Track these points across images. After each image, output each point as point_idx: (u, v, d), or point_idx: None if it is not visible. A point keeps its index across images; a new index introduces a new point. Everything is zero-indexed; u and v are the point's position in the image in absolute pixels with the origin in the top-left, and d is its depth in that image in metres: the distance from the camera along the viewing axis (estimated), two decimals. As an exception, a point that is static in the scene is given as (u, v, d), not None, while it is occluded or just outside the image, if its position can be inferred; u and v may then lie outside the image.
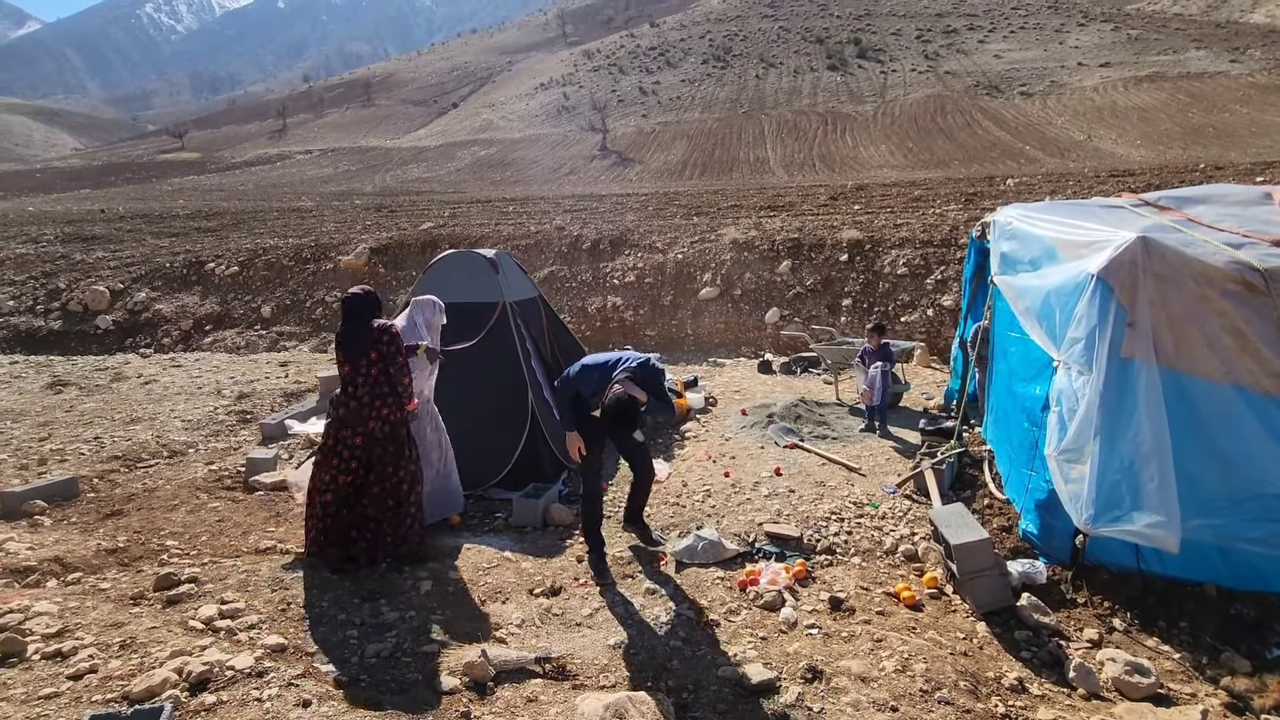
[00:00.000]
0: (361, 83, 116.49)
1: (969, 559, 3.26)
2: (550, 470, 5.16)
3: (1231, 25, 72.46)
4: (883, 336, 6.29)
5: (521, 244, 18.09)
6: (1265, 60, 55.32)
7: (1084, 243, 3.57)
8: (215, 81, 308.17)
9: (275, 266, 20.08)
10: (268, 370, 9.96)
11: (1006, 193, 18.58)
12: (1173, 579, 3.33)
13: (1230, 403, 3.15)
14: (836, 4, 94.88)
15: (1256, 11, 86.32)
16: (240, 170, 62.33)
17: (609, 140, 54.73)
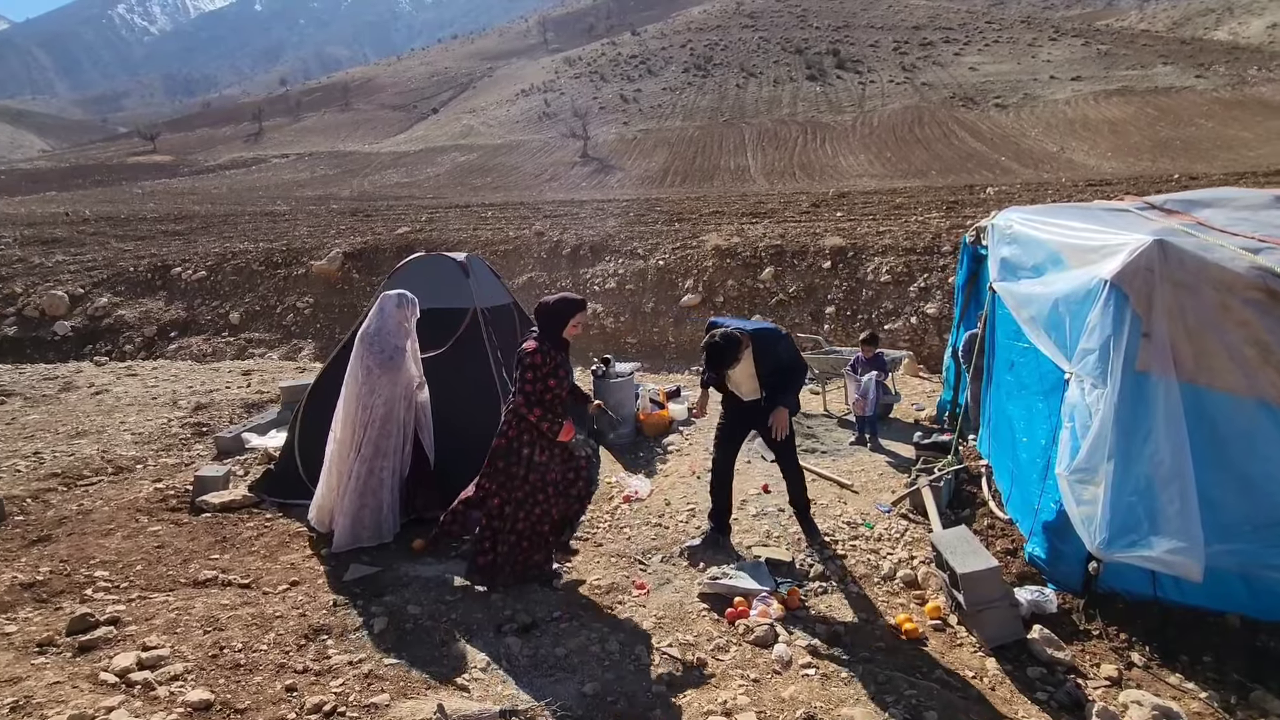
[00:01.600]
0: (340, 87, 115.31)
1: (977, 589, 3.00)
2: (524, 488, 4.82)
3: (1196, 42, 74.47)
4: (876, 347, 6.07)
5: (500, 249, 17.74)
6: (1229, 76, 56.82)
7: (1092, 247, 3.35)
8: (189, 84, 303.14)
9: (245, 271, 19.50)
10: (229, 379, 9.50)
11: (987, 201, 18.63)
12: (1193, 608, 3.10)
13: (1253, 419, 2.93)
14: (815, 15, 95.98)
15: (1219, 29, 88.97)
16: (214, 174, 61.09)
17: (590, 147, 54.56)
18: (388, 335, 4.15)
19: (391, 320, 4.17)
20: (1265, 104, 47.35)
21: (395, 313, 4.21)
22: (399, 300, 4.25)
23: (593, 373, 6.43)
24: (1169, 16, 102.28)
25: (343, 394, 4.18)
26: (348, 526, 4.02)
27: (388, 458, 4.14)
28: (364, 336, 4.16)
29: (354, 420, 4.10)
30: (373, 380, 4.07)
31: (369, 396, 4.07)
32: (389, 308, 4.20)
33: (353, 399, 4.12)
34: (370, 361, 4.08)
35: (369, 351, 4.08)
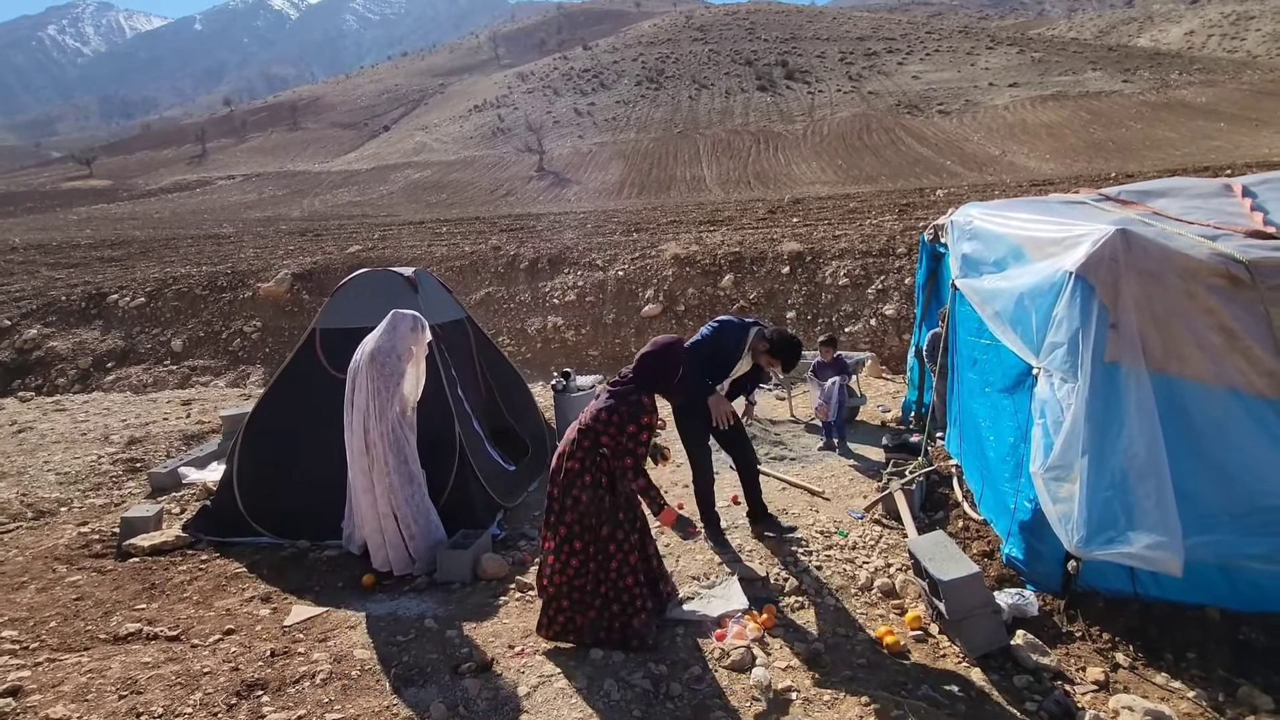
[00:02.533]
0: (287, 106, 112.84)
1: (959, 598, 2.88)
2: (483, 513, 4.56)
3: (1121, 49, 78.28)
4: (835, 349, 6.00)
5: (456, 265, 17.37)
6: (1153, 80, 59.83)
7: (1053, 239, 3.30)
8: (127, 106, 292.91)
9: (187, 296, 18.68)
10: (167, 410, 8.95)
11: (938, 203, 19.03)
12: (1172, 603, 3.03)
13: (1224, 407, 2.89)
14: (763, 28, 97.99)
15: (1142, 36, 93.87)
16: (156, 197, 58.89)
17: (546, 161, 54.38)
18: (394, 356, 3.86)
19: (403, 343, 3.87)
20: (1187, 106, 49.94)
21: (408, 335, 3.91)
22: (414, 323, 3.96)
23: (553, 387, 6.21)
24: (1095, 25, 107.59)
25: (351, 421, 3.90)
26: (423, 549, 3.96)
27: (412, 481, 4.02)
28: (375, 354, 3.84)
29: (367, 445, 3.84)
30: (382, 401, 3.83)
31: (379, 421, 3.83)
32: (403, 329, 3.90)
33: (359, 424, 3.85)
34: (380, 384, 3.81)
35: (379, 373, 3.80)
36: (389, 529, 3.90)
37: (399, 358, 3.86)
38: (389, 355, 3.82)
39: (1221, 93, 52.03)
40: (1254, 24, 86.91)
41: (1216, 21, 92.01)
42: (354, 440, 3.86)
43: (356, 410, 3.82)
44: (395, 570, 3.91)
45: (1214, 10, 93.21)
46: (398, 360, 3.85)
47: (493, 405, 5.77)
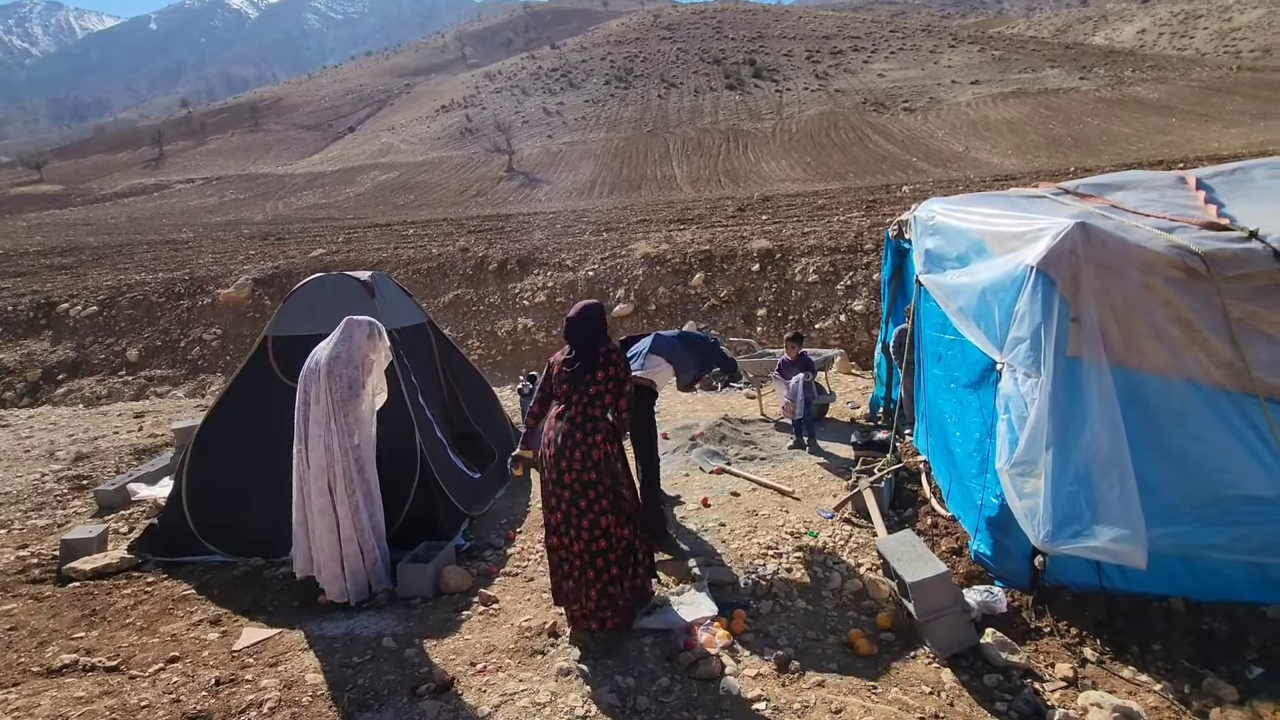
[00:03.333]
0: (248, 107, 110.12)
1: (928, 598, 2.85)
2: (447, 524, 4.43)
3: (1077, 47, 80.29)
4: (800, 346, 5.96)
5: (423, 268, 17.08)
6: (1108, 77, 61.46)
7: (1014, 234, 3.29)
8: (79, 108, 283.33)
9: (142, 304, 18.07)
10: (118, 423, 8.60)
11: (904, 199, 19.24)
12: (1137, 594, 3.04)
13: (1184, 399, 2.90)
14: (730, 27, 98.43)
15: (1097, 35, 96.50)
16: (111, 202, 56.94)
17: (516, 161, 53.91)
18: (351, 365, 3.68)
19: (359, 351, 3.69)
20: (1141, 102, 51.38)
21: (364, 343, 3.73)
22: (370, 329, 3.77)
23: (519, 391, 6.08)
24: (1052, 24, 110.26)
25: (307, 435, 3.67)
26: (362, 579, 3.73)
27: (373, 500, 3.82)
28: (332, 365, 3.64)
29: (329, 462, 3.64)
30: (341, 418, 3.63)
31: (343, 437, 3.64)
32: (358, 337, 3.71)
33: (318, 439, 3.63)
34: (340, 397, 3.62)
35: (338, 385, 3.61)
36: (350, 554, 3.67)
37: (357, 368, 3.69)
38: (346, 366, 3.65)
39: (1173, 89, 53.67)
40: (1201, 22, 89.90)
41: (1166, 20, 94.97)
42: (313, 458, 3.65)
43: (315, 425, 3.62)
44: (353, 600, 3.68)
45: (1164, 9, 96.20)
46: (356, 370, 3.68)
47: (456, 411, 5.63)
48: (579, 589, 3.06)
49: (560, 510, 3.09)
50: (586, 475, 3.05)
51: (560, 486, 3.08)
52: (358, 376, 3.69)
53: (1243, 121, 41.18)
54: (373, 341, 3.77)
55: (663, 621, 3.20)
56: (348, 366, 3.66)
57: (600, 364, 3.18)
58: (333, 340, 3.74)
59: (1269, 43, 79.54)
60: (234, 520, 4.35)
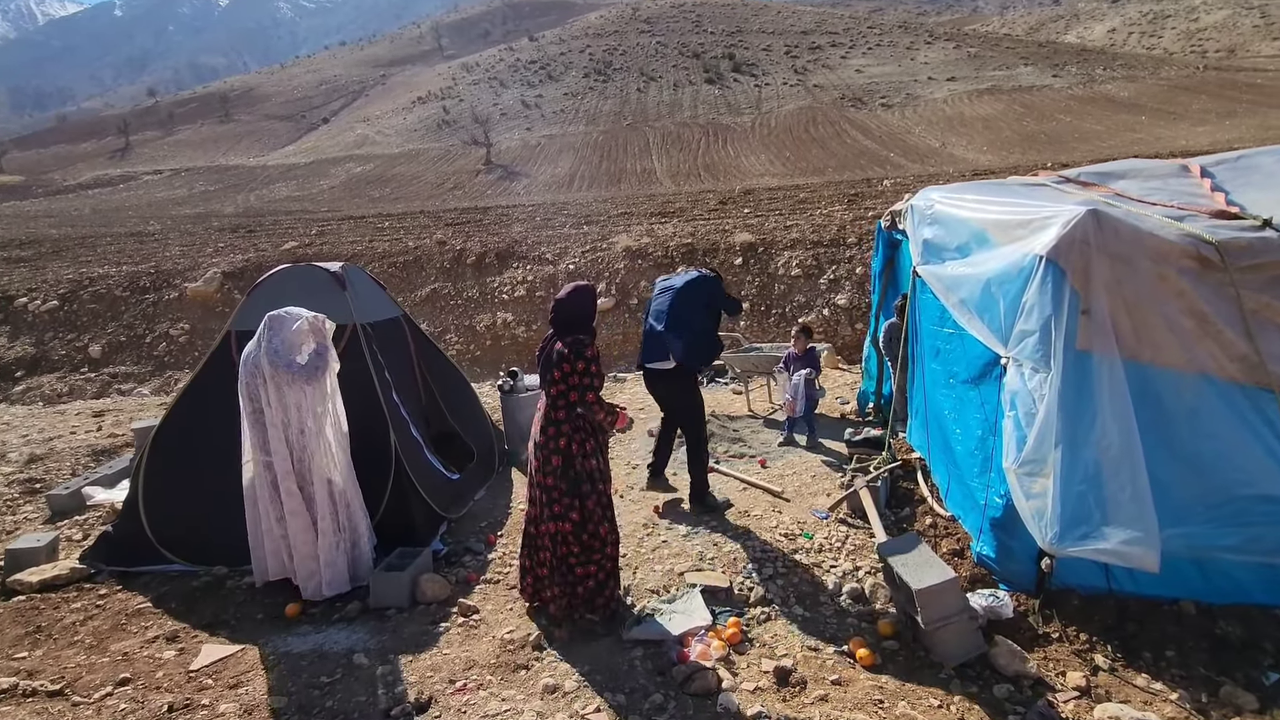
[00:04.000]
0: (218, 97, 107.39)
1: (935, 605, 2.71)
2: (424, 527, 4.21)
3: (1050, 45, 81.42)
4: (809, 339, 5.75)
5: (399, 261, 16.69)
6: (1080, 75, 62.39)
7: (1020, 222, 3.15)
8: (41, 97, 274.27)
9: (105, 298, 17.43)
10: (76, 423, 8.20)
11: (885, 193, 19.26)
12: (1148, 598, 2.93)
13: (1198, 394, 2.79)
14: (709, 21, 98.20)
15: (1069, 33, 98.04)
16: (74, 194, 55.09)
17: (494, 154, 53.20)
18: (290, 350, 3.47)
19: (296, 338, 3.50)
20: (1112, 100, 52.24)
21: (302, 332, 3.54)
22: (295, 318, 3.57)
23: (499, 387, 5.86)
24: (1025, 22, 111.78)
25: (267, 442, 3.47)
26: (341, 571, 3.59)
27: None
28: (274, 360, 3.42)
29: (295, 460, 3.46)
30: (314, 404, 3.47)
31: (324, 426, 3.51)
32: (287, 329, 3.50)
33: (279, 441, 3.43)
34: (303, 386, 3.43)
35: (296, 376, 3.41)
36: (326, 545, 3.52)
37: (301, 348, 3.50)
38: (293, 355, 3.45)
39: (1142, 87, 54.65)
40: (1169, 22, 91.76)
41: (1136, 20, 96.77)
42: (278, 461, 3.44)
43: (273, 429, 3.40)
44: (328, 591, 3.53)
45: (1133, 9, 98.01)
46: (299, 351, 3.49)
47: (434, 409, 5.39)
48: (550, 579, 3.15)
49: (535, 505, 3.23)
50: (546, 480, 3.12)
51: (534, 485, 3.22)
52: (318, 361, 3.49)
53: (1209, 120, 42.04)
54: (314, 327, 3.59)
55: (653, 632, 3.03)
56: (294, 357, 3.46)
57: (555, 362, 3.07)
58: (259, 339, 3.50)
59: (1233, 43, 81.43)
60: (195, 526, 4.08)
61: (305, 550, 3.52)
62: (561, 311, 3.15)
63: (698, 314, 4.30)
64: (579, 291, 3.21)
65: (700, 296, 4.33)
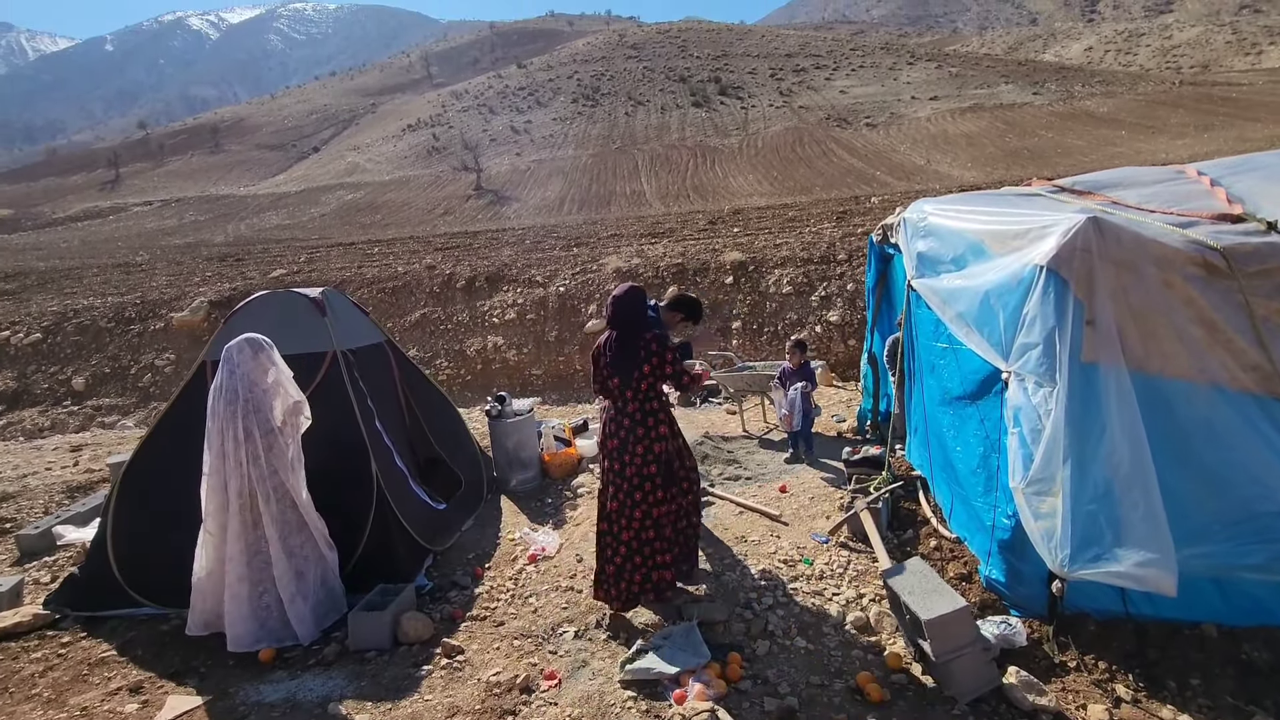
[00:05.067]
0: (208, 128, 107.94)
1: (945, 636, 2.55)
2: (408, 562, 4.02)
3: (1030, 63, 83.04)
4: (804, 353, 5.68)
5: (388, 286, 16.56)
6: (1060, 92, 63.54)
7: (1016, 232, 3.05)
8: (31, 131, 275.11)
9: (90, 330, 17.19)
10: (53, 458, 7.97)
11: (873, 209, 19.35)
12: (1167, 621, 2.79)
13: (1210, 405, 2.68)
14: (695, 45, 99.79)
15: (1047, 52, 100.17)
16: (64, 226, 54.92)
17: (484, 179, 53.48)
18: (251, 394, 3.30)
19: (241, 370, 3.32)
20: (1091, 115, 53.13)
21: (248, 363, 3.35)
22: (254, 348, 3.39)
23: (486, 413, 5.70)
24: (1004, 42, 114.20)
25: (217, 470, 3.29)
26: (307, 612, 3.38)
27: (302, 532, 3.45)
28: (228, 400, 3.27)
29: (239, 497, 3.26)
30: (254, 444, 3.26)
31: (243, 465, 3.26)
32: (239, 359, 3.33)
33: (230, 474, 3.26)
34: (248, 424, 3.25)
35: (239, 415, 3.24)
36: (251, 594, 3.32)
37: (252, 387, 3.32)
38: (235, 395, 3.27)
39: (1121, 103, 55.66)
40: (1144, 40, 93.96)
41: (1112, 38, 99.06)
42: (265, 506, 3.29)
43: (214, 473, 3.27)
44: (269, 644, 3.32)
45: (1109, 28, 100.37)
46: (250, 390, 3.29)
47: (419, 436, 5.23)
48: (620, 574, 3.27)
49: (617, 500, 3.30)
50: (647, 469, 3.26)
51: (621, 478, 3.29)
52: (265, 400, 3.32)
53: (1187, 133, 42.77)
54: (259, 357, 3.39)
55: (649, 671, 2.85)
56: (236, 399, 3.27)
57: (644, 358, 3.21)
58: (218, 375, 3.36)
59: (1207, 59, 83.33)
60: (166, 565, 3.86)
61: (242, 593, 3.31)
62: (621, 309, 3.30)
63: None
64: (634, 290, 3.39)
65: None
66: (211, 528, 3.30)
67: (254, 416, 3.25)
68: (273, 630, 3.31)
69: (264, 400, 3.30)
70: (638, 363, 3.18)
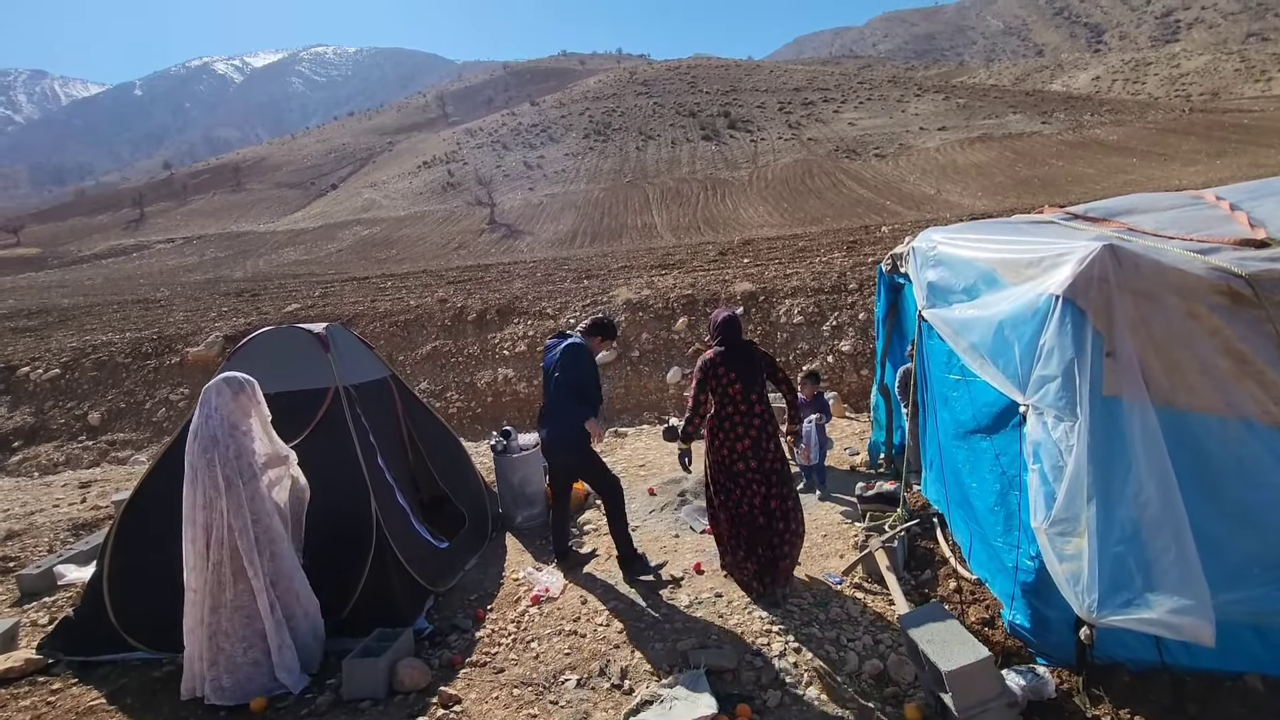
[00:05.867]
0: (230, 167, 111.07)
1: (968, 690, 2.40)
2: (407, 604, 3.91)
3: (1037, 93, 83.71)
4: (817, 385, 5.59)
5: (400, 320, 16.67)
6: (1069, 121, 63.89)
7: (1029, 261, 2.96)
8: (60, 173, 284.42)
9: (107, 365, 17.40)
10: (61, 494, 7.96)
11: (884, 239, 19.32)
12: (1206, 671, 2.61)
13: (1242, 442, 2.54)
14: (704, 81, 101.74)
15: (1055, 82, 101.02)
16: (89, 264, 56.36)
17: (497, 214, 54.33)
18: (232, 438, 3.21)
19: (218, 414, 3.21)
20: (1102, 144, 53.27)
21: (228, 404, 3.26)
22: (234, 389, 3.31)
23: (492, 448, 5.61)
24: (1011, 73, 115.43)
25: (195, 522, 3.18)
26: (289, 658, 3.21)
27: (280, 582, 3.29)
28: (204, 447, 3.17)
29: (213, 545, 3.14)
30: (235, 494, 3.15)
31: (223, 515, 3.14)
32: (216, 402, 3.23)
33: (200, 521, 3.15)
34: (227, 471, 3.14)
35: (218, 462, 3.13)
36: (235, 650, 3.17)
37: (232, 430, 3.20)
38: (214, 441, 3.15)
39: (1130, 131, 55.80)
40: (1151, 69, 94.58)
41: (1119, 68, 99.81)
42: (214, 558, 3.15)
43: (194, 523, 3.16)
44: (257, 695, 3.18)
45: (1115, 58, 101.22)
46: (230, 434, 3.18)
47: (423, 473, 5.15)
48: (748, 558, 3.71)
49: (750, 492, 3.68)
50: (778, 464, 3.71)
51: (759, 474, 3.67)
52: (245, 444, 3.22)
53: (1199, 160, 42.67)
54: (239, 398, 3.28)
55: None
56: (216, 444, 3.15)
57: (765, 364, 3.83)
58: (195, 420, 3.27)
59: (1216, 86, 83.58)
60: (161, 608, 3.77)
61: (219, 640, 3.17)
62: (731, 330, 3.82)
63: (565, 396, 4.09)
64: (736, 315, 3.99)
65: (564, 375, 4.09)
66: (194, 584, 3.16)
67: (234, 464, 3.13)
68: (261, 685, 3.18)
69: (245, 445, 3.21)
70: (760, 366, 3.77)
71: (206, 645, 3.10)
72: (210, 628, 3.11)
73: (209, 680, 3.12)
